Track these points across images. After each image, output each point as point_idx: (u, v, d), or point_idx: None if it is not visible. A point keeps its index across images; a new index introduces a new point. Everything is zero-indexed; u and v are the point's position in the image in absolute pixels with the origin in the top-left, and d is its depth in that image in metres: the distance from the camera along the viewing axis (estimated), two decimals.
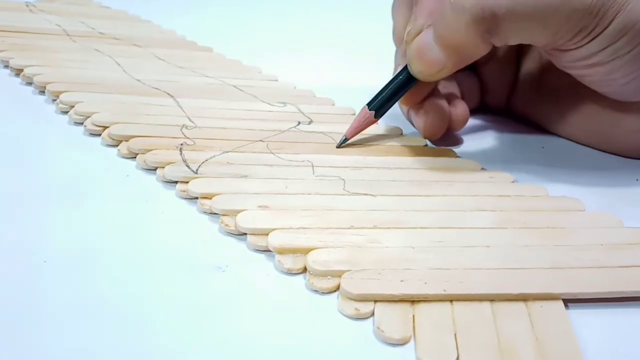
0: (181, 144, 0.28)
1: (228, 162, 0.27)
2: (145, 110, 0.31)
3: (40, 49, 0.39)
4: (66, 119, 0.32)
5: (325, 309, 0.20)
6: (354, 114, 0.34)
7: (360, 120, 0.30)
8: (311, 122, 0.32)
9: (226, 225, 0.23)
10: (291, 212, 0.24)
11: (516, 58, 0.34)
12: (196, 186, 0.25)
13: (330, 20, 0.56)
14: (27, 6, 0.49)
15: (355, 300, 0.20)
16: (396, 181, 0.27)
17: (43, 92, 0.34)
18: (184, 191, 0.25)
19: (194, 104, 0.33)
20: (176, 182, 0.26)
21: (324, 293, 0.21)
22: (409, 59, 0.28)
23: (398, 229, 0.23)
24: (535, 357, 0.18)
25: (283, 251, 0.22)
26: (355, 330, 0.19)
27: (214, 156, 0.27)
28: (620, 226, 0.24)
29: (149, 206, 0.25)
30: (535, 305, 0.20)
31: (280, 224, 0.23)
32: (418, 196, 0.26)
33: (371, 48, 0.45)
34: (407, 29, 0.28)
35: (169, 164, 0.27)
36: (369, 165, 0.28)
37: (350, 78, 0.40)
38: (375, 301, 0.20)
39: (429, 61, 0.27)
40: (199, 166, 0.27)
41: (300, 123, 0.32)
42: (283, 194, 0.25)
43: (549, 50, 0.27)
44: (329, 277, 0.21)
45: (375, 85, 0.30)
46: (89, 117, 0.30)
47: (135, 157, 0.28)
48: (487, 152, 0.32)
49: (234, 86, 0.36)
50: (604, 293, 0.21)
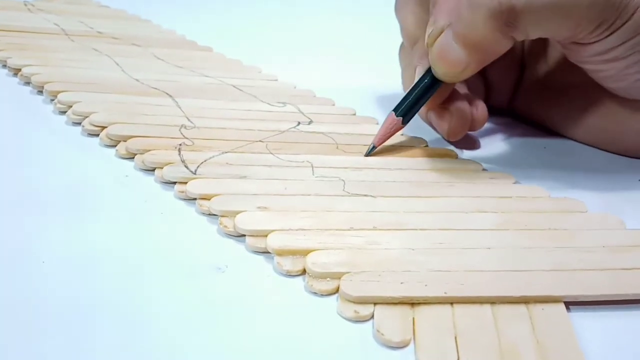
0: (180, 144, 0.28)
1: (227, 163, 0.27)
2: (144, 110, 0.31)
3: (38, 49, 0.39)
4: (64, 119, 0.31)
5: (325, 311, 0.20)
6: (354, 114, 0.34)
7: (387, 127, 0.29)
8: (311, 122, 0.32)
9: (225, 226, 0.23)
10: (290, 213, 0.24)
11: (521, 57, 0.34)
12: (195, 187, 0.25)
13: (331, 19, 0.56)
14: (26, 5, 0.49)
15: (355, 302, 0.20)
16: (396, 182, 0.27)
17: (41, 92, 0.34)
18: (182, 192, 0.25)
19: (193, 104, 0.33)
20: (175, 182, 0.26)
21: (323, 295, 0.20)
22: (431, 61, 0.27)
23: (398, 231, 0.23)
24: None
25: (282, 253, 0.22)
26: (354, 333, 0.19)
27: (213, 157, 0.27)
28: (623, 228, 0.24)
29: (147, 207, 0.25)
30: (537, 308, 0.20)
31: (280, 225, 0.23)
32: (418, 197, 0.26)
33: (372, 48, 0.45)
34: (428, 31, 0.27)
35: (167, 164, 0.26)
36: (369, 166, 0.28)
37: (351, 78, 0.40)
38: (375, 303, 0.20)
39: (451, 61, 0.26)
40: (198, 167, 0.26)
41: (300, 123, 0.32)
42: (282, 194, 0.25)
43: (567, 44, 0.27)
44: (328, 279, 0.21)
45: (376, 85, 0.30)
46: (87, 117, 0.30)
47: (133, 158, 0.28)
48: (489, 152, 0.31)
49: (234, 86, 0.36)
50: (606, 295, 0.20)
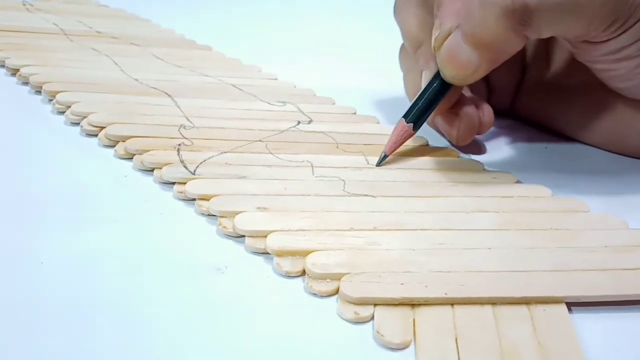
0: (179, 145, 0.28)
1: (226, 163, 0.27)
2: (143, 110, 0.31)
3: (37, 48, 0.39)
4: (63, 119, 0.31)
5: (325, 312, 0.20)
6: (355, 113, 0.34)
7: (398, 135, 0.29)
8: (311, 121, 0.32)
9: (224, 227, 0.23)
10: (290, 213, 0.23)
11: (523, 59, 0.33)
12: (194, 187, 0.25)
13: (331, 19, 0.56)
14: (24, 5, 0.49)
15: (355, 303, 0.20)
16: (397, 182, 0.27)
17: (39, 92, 0.34)
18: (181, 192, 0.25)
19: (192, 104, 0.33)
20: (174, 183, 0.26)
21: (323, 296, 0.20)
22: (440, 64, 0.27)
23: (398, 231, 0.23)
24: None
25: (282, 253, 0.21)
26: (354, 335, 0.19)
27: (212, 157, 0.27)
28: (625, 228, 0.24)
29: (146, 207, 0.25)
30: (538, 309, 0.20)
31: (279, 226, 0.23)
32: (419, 197, 0.26)
33: (372, 48, 0.45)
34: (434, 34, 0.27)
35: (166, 164, 0.26)
36: (369, 166, 0.28)
37: (351, 77, 0.40)
38: (375, 305, 0.19)
39: (461, 63, 0.26)
40: (197, 167, 0.26)
41: (300, 122, 0.32)
42: (282, 195, 0.25)
43: (578, 43, 0.27)
44: (328, 280, 0.20)
45: (376, 84, 0.30)
46: (85, 117, 0.30)
47: (132, 158, 0.27)
48: (490, 152, 0.31)
49: (233, 85, 0.36)
50: (608, 296, 0.20)
